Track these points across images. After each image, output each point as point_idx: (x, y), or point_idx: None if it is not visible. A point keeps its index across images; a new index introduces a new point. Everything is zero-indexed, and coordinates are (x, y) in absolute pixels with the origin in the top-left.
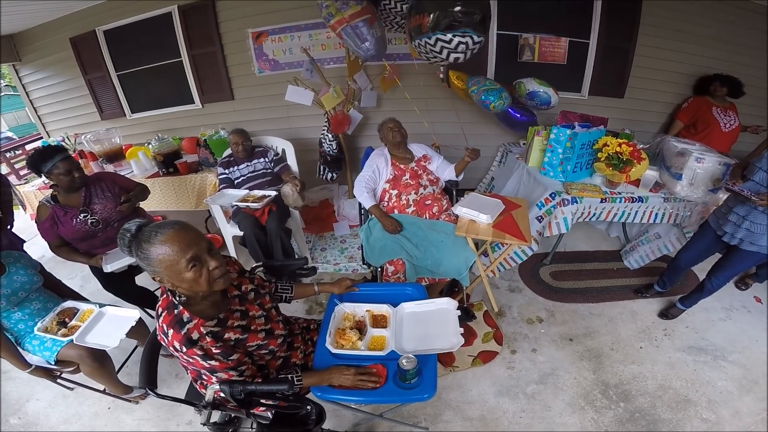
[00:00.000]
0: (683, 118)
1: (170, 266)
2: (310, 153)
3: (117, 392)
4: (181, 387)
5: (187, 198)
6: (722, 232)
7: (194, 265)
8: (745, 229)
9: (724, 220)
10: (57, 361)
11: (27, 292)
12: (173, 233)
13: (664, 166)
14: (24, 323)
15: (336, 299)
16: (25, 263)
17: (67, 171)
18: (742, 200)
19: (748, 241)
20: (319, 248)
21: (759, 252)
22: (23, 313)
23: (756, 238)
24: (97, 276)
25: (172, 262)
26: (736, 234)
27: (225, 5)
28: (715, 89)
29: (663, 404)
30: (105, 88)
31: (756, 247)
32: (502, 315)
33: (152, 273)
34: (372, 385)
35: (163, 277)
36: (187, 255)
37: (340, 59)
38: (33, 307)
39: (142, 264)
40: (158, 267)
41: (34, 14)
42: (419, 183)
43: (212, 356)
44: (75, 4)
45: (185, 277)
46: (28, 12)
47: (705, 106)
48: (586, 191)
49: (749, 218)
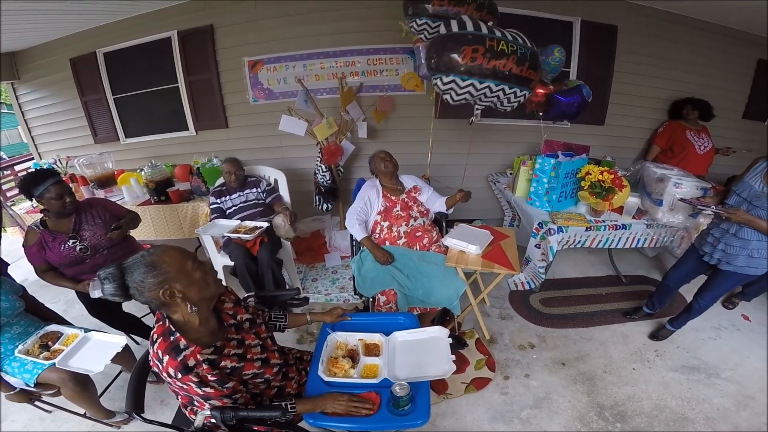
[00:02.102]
0: (660, 143)
1: (180, 266)
2: (303, 183)
3: (99, 417)
4: (166, 413)
5: (178, 227)
6: (702, 252)
7: (199, 266)
8: (721, 250)
9: (704, 241)
10: (37, 383)
11: (8, 318)
12: (165, 246)
13: (645, 192)
14: (4, 347)
15: (328, 328)
16: (7, 288)
17: (58, 195)
18: (718, 222)
19: (725, 261)
20: (310, 278)
21: (737, 272)
22: (4, 338)
23: (731, 258)
24: (83, 301)
25: (181, 261)
26: (714, 254)
27: (223, 32)
28: (687, 113)
29: (660, 423)
30: (100, 111)
31: (733, 267)
32: (494, 342)
33: (157, 286)
34: (365, 411)
35: (173, 283)
36: (190, 257)
37: (333, 90)
38: (14, 332)
39: (147, 281)
40: (169, 269)
41: (36, 33)
42: (410, 215)
43: (207, 383)
44: (77, 24)
45: (195, 278)
46: (30, 30)
47: (679, 130)
48: (572, 220)
49: (723, 240)
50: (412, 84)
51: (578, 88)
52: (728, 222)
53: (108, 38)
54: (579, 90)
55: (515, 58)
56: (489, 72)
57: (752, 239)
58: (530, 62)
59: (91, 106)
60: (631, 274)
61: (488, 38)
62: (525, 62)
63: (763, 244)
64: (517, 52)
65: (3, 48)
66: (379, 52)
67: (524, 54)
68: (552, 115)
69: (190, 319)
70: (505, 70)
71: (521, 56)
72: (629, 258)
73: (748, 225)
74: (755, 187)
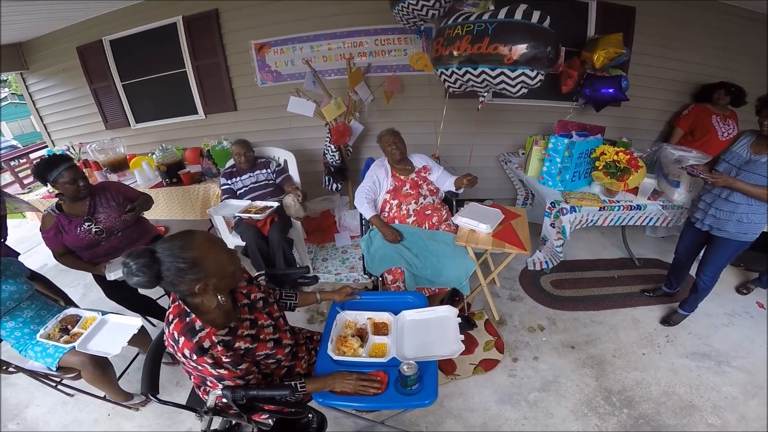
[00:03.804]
0: (683, 126)
1: (219, 262)
2: (312, 164)
3: (117, 399)
4: (182, 394)
5: (191, 208)
6: (694, 219)
7: (233, 259)
8: (712, 215)
9: (695, 208)
10: (58, 367)
11: (17, 302)
12: (202, 236)
13: (662, 174)
14: (20, 331)
15: (338, 307)
16: (15, 270)
17: (72, 180)
18: (709, 188)
19: (716, 228)
20: (320, 258)
21: (731, 239)
22: (16, 322)
23: (722, 224)
24: (100, 284)
25: (220, 256)
26: (705, 220)
27: (229, 17)
28: (718, 97)
29: (667, 410)
30: (110, 98)
31: (725, 234)
32: (504, 323)
33: (194, 281)
34: (374, 391)
35: (210, 279)
36: (226, 250)
37: (341, 71)
38: (26, 315)
39: (186, 277)
40: (209, 265)
41: (42, 23)
42: (419, 193)
43: (222, 365)
44: (82, 13)
45: (228, 271)
46: (36, 21)
47: (704, 114)
48: (585, 200)
49: (714, 205)
50: (420, 64)
51: (617, 79)
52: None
53: (113, 26)
54: (618, 81)
55: (470, 38)
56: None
57: (741, 203)
58: (493, 36)
59: (100, 93)
60: (644, 257)
61: (447, 28)
62: (484, 37)
63: (752, 209)
64: (473, 30)
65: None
66: (387, 33)
67: (482, 29)
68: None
69: (208, 301)
70: (461, 52)
71: (477, 33)
72: (643, 241)
73: (730, 188)
74: (743, 155)
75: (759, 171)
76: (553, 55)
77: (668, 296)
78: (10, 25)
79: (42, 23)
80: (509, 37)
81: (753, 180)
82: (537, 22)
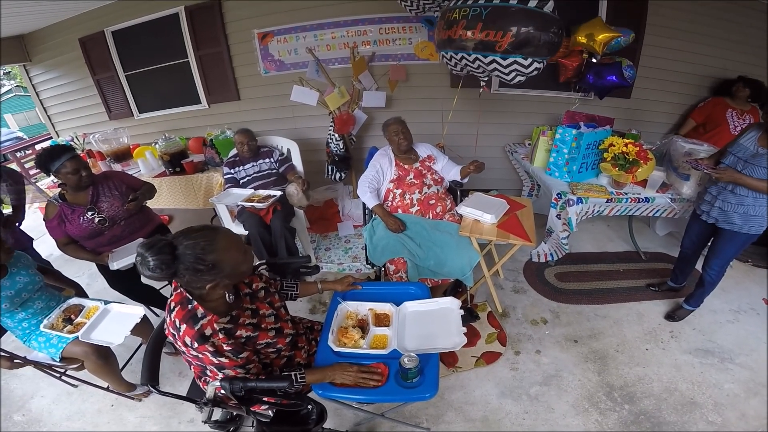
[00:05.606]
0: (697, 117)
1: (236, 264)
2: (315, 153)
3: (120, 390)
4: (184, 385)
5: (194, 197)
6: (701, 212)
7: (247, 257)
8: (718, 208)
9: (701, 200)
10: (62, 358)
11: (30, 293)
12: (225, 237)
13: (671, 167)
14: (28, 322)
15: (339, 297)
16: (27, 263)
17: (74, 170)
18: (714, 180)
19: (722, 220)
20: (323, 248)
21: (737, 232)
22: (27, 313)
23: (728, 216)
24: (103, 274)
25: (237, 258)
26: (711, 213)
27: (231, 6)
28: (737, 89)
29: (668, 406)
30: (113, 89)
31: (731, 226)
32: (507, 316)
33: (209, 281)
34: (374, 383)
35: (224, 279)
36: (242, 249)
37: (344, 60)
38: (36, 307)
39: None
40: (227, 267)
41: (44, 15)
42: (423, 182)
43: (223, 353)
44: (83, 4)
45: (241, 270)
46: (37, 12)
47: (720, 107)
48: (592, 191)
49: (720, 197)
50: (425, 53)
51: (618, 66)
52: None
53: (115, 17)
54: (618, 69)
55: (465, 23)
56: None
57: (748, 195)
58: (486, 21)
59: (103, 84)
60: (650, 251)
61: (448, 11)
62: (477, 22)
63: (759, 201)
64: (468, 15)
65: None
66: (392, 21)
67: (477, 14)
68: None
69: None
70: (457, 38)
71: (472, 17)
72: (649, 234)
73: (735, 183)
74: (750, 149)
75: (765, 165)
76: (550, 41)
77: (674, 291)
78: (12, 18)
79: (44, 15)
80: (501, 23)
81: (759, 174)
82: (536, 7)
